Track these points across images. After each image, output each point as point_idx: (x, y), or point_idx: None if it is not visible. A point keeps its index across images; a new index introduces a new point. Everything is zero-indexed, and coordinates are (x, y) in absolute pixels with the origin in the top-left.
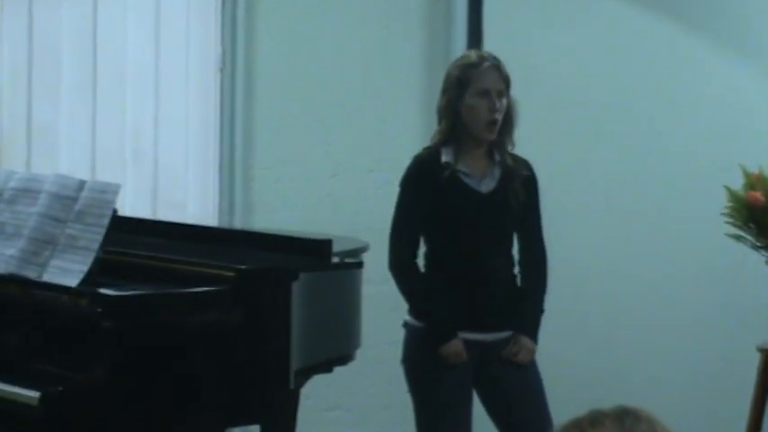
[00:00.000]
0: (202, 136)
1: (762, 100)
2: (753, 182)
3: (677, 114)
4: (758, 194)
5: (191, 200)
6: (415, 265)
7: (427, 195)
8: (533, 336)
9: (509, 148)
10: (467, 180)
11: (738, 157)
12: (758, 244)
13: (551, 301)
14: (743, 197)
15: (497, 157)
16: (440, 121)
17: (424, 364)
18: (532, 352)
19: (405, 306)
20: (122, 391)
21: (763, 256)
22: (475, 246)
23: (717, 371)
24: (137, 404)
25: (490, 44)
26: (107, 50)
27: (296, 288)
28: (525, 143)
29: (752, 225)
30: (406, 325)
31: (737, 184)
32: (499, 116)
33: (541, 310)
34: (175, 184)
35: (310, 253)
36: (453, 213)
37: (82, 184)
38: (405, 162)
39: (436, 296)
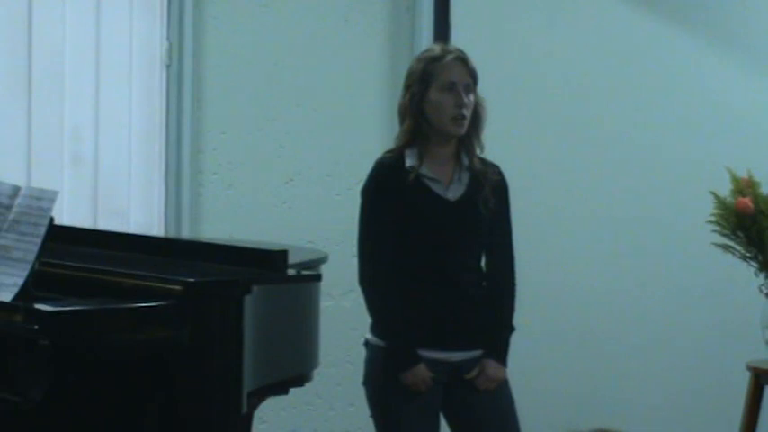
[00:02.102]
0: (147, 138)
1: (750, 101)
2: (741, 187)
3: (659, 115)
4: (747, 201)
5: (134, 207)
6: (387, 281)
7: (391, 203)
8: (502, 358)
9: (478, 151)
10: (433, 186)
11: (725, 161)
12: (747, 254)
13: (525, 315)
14: (731, 204)
15: (465, 161)
16: (402, 122)
17: (386, 387)
18: (498, 378)
19: (367, 322)
20: (59, 415)
21: (751, 266)
22: (441, 257)
23: (704, 390)
24: (74, 429)
25: (459, 38)
26: (43, 43)
27: (248, 302)
28: (495, 145)
29: (740, 233)
30: (367, 344)
31: (725, 189)
32: (467, 112)
33: (511, 329)
34: (117, 189)
35: (264, 265)
36: (417, 222)
37: (16, 190)
38: (366, 166)
39: (402, 317)
